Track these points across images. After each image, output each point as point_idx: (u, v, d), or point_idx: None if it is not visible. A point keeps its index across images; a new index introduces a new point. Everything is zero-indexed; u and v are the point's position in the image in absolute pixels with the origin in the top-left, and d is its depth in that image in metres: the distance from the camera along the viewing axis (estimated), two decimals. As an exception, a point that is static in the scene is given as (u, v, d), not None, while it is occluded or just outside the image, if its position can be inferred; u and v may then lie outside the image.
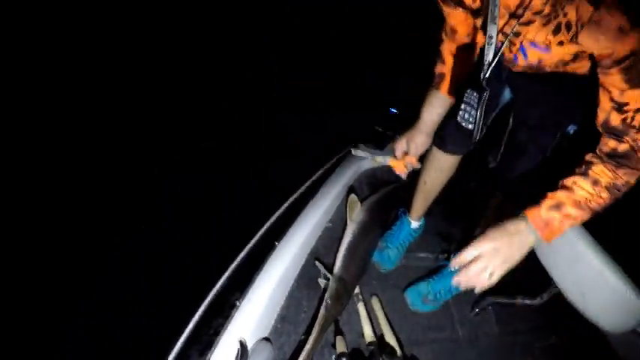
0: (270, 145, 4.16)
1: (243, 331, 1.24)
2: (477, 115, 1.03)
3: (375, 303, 1.55)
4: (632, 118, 0.86)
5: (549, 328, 1.71)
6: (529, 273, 1.30)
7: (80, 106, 4.85)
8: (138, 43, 7.09)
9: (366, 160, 2.16)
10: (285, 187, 2.08)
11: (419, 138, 1.40)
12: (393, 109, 2.38)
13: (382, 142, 2.29)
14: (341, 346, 1.31)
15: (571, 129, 1.25)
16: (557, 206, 0.94)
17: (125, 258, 2.85)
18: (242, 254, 1.57)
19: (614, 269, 1.11)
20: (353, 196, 1.77)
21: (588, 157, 0.96)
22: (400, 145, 1.44)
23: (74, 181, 3.56)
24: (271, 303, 1.41)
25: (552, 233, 0.95)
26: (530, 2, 0.87)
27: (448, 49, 1.25)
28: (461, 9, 1.10)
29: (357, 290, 1.56)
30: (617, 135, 0.91)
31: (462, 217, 1.97)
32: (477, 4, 1.01)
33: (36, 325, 2.43)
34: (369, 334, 1.37)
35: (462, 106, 1.07)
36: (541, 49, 0.95)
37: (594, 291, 1.16)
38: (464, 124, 1.08)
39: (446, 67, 1.27)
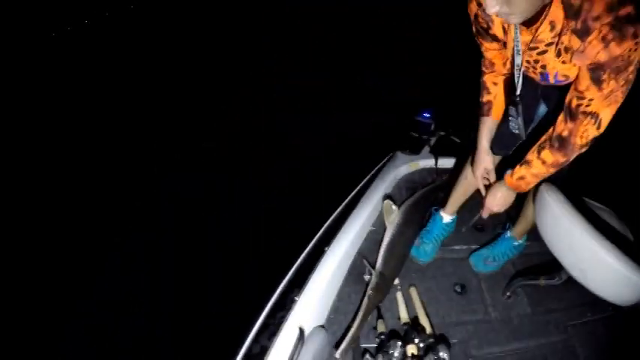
0: (270, 145, 4.16)
1: (302, 320, 1.54)
2: (519, 122, 1.41)
3: (413, 292, 1.81)
4: (587, 105, 1.09)
5: (582, 306, 1.82)
6: (549, 255, 1.48)
7: (80, 107, 5.08)
8: (138, 44, 7.22)
9: (403, 166, 2.40)
10: (285, 187, 2.14)
11: (487, 161, 1.63)
12: (426, 114, 2.58)
13: (418, 147, 2.52)
14: (381, 327, 1.61)
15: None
16: (522, 177, 1.35)
17: (125, 258, 2.88)
18: (299, 260, 1.88)
19: (608, 248, 1.23)
20: (387, 202, 2.03)
21: (541, 141, 1.27)
22: (480, 174, 1.65)
23: (75, 181, 3.66)
24: (324, 297, 1.72)
25: (521, 189, 1.41)
26: (538, 37, 1.13)
27: (490, 80, 1.52)
28: (495, 43, 1.35)
29: (396, 282, 1.84)
30: (571, 117, 1.14)
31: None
32: (508, 37, 1.25)
33: (36, 325, 2.47)
34: (404, 317, 1.65)
35: (510, 118, 1.44)
36: (556, 68, 1.19)
37: (593, 270, 1.32)
38: (512, 130, 1.46)
39: (492, 96, 1.53)
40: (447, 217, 2.03)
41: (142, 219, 3.23)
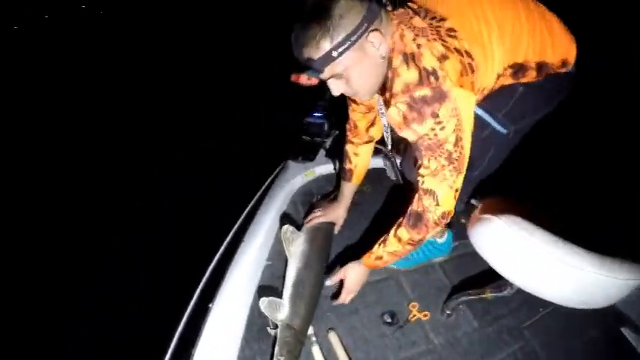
0: (270, 145, 3.98)
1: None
2: (393, 172, 1.76)
3: (333, 337, 1.39)
4: (422, 182, 1.10)
5: (532, 301, 1.51)
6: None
7: (81, 107, 5.18)
8: (138, 44, 7.42)
9: (297, 177, 1.98)
10: (259, 181, 2.07)
11: (341, 215, 1.74)
12: (316, 113, 2.18)
13: (312, 152, 2.12)
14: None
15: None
16: (379, 257, 1.32)
17: (125, 258, 2.88)
18: (177, 332, 1.42)
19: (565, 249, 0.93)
20: (285, 228, 1.60)
21: (399, 220, 1.24)
22: (328, 219, 1.70)
23: (75, 181, 3.71)
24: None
25: (378, 267, 1.40)
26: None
27: (352, 151, 1.60)
28: (362, 106, 1.42)
29: (310, 331, 1.39)
30: (418, 195, 1.15)
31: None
32: (373, 100, 1.30)
33: (36, 325, 2.47)
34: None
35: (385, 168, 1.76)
36: None
37: (563, 282, 0.98)
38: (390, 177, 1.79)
39: (353, 165, 1.62)
40: None
41: (142, 219, 3.24)
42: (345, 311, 1.51)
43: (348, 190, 1.69)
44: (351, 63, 0.99)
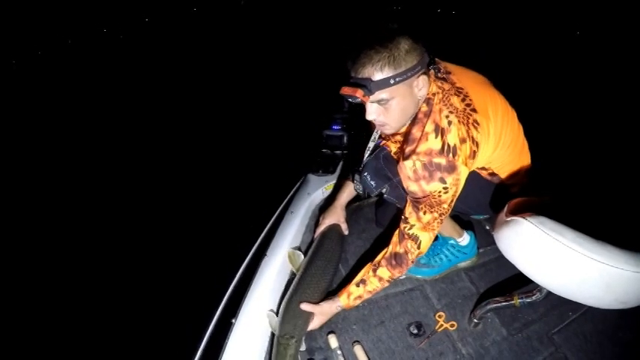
0: (270, 145, 4.22)
1: None
2: (359, 189, 1.52)
3: (358, 350, 1.38)
4: (409, 229, 1.25)
5: (560, 305, 1.50)
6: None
7: (81, 107, 5.33)
8: (139, 44, 7.54)
9: (318, 191, 1.98)
10: (286, 187, 2.11)
11: (341, 215, 1.75)
12: (335, 126, 2.19)
13: (332, 165, 2.13)
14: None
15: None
16: (359, 297, 1.39)
17: (125, 258, 2.89)
18: (200, 348, 1.40)
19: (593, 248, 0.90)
20: (291, 251, 1.62)
21: (376, 261, 1.37)
22: (328, 222, 1.72)
23: (75, 181, 3.78)
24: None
25: (353, 307, 1.46)
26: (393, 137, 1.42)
27: None
28: None
29: (335, 344, 1.38)
30: (401, 237, 1.28)
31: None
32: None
33: (36, 324, 2.47)
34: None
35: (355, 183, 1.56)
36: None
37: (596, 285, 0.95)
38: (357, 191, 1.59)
39: None
40: None
41: (142, 219, 3.26)
42: (371, 323, 1.49)
43: (348, 190, 1.73)
44: (398, 94, 1.11)
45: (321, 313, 1.42)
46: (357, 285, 1.38)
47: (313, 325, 1.41)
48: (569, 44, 6.31)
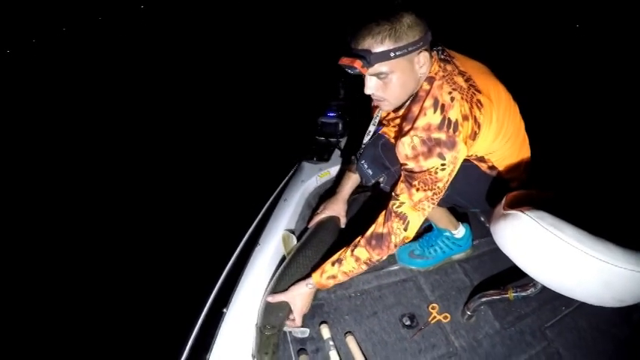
0: (264, 131, 4.22)
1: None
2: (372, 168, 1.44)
3: (351, 341, 1.36)
4: (398, 206, 1.19)
5: (554, 300, 1.50)
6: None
7: (80, 107, 5.27)
8: (138, 43, 7.53)
9: (312, 178, 1.95)
10: (273, 183, 2.08)
11: (342, 208, 1.68)
12: (330, 113, 2.16)
13: (327, 153, 2.10)
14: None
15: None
16: (333, 277, 1.32)
17: (125, 258, 2.86)
18: (191, 337, 1.41)
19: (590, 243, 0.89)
20: (285, 232, 1.60)
21: (356, 240, 1.29)
22: (328, 213, 1.65)
23: (75, 181, 3.75)
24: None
25: (327, 287, 1.39)
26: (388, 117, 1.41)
27: None
28: None
29: (327, 335, 1.37)
30: (388, 216, 1.21)
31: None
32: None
33: (36, 324, 2.47)
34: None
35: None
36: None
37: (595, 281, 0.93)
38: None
39: None
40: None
41: (142, 218, 3.22)
42: (364, 314, 1.48)
43: (351, 181, 1.67)
44: (398, 69, 1.09)
45: (291, 298, 1.35)
46: (333, 264, 1.32)
47: (295, 312, 1.36)
48: (568, 37, 6.26)
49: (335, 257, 1.33)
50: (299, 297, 1.36)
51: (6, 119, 5.17)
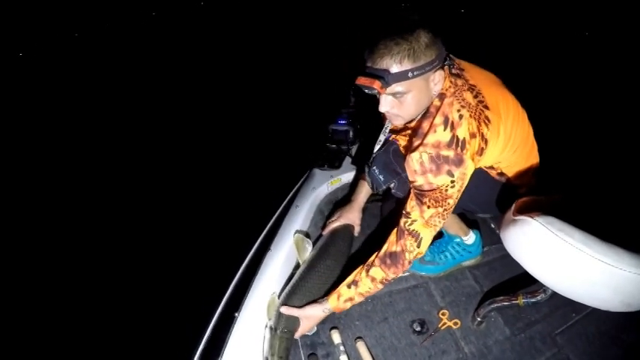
0: (276, 138, 4.22)
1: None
2: (368, 180, 1.47)
3: (361, 347, 1.38)
4: (409, 224, 1.20)
5: (564, 306, 1.50)
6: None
7: (80, 106, 5.33)
8: (138, 43, 7.69)
9: (323, 185, 1.98)
10: (286, 187, 2.10)
11: (357, 216, 1.70)
12: (341, 120, 2.18)
13: (337, 160, 2.12)
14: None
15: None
16: (350, 299, 1.33)
17: (125, 258, 2.88)
18: (202, 341, 1.42)
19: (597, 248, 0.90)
20: (298, 236, 1.60)
21: (370, 260, 1.30)
22: (343, 221, 1.68)
23: (75, 181, 3.77)
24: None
25: (344, 309, 1.38)
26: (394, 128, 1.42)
27: None
28: None
29: (338, 340, 1.38)
30: (400, 235, 1.23)
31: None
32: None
33: (36, 324, 2.47)
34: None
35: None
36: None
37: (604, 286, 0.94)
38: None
39: None
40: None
41: (142, 218, 3.25)
42: (374, 319, 1.49)
43: (365, 190, 1.68)
44: (414, 88, 1.10)
45: (305, 317, 1.36)
46: (349, 286, 1.32)
47: (301, 330, 1.36)
48: (577, 45, 6.26)
49: (350, 279, 1.33)
50: (313, 319, 1.38)
51: (10, 119, 5.24)
